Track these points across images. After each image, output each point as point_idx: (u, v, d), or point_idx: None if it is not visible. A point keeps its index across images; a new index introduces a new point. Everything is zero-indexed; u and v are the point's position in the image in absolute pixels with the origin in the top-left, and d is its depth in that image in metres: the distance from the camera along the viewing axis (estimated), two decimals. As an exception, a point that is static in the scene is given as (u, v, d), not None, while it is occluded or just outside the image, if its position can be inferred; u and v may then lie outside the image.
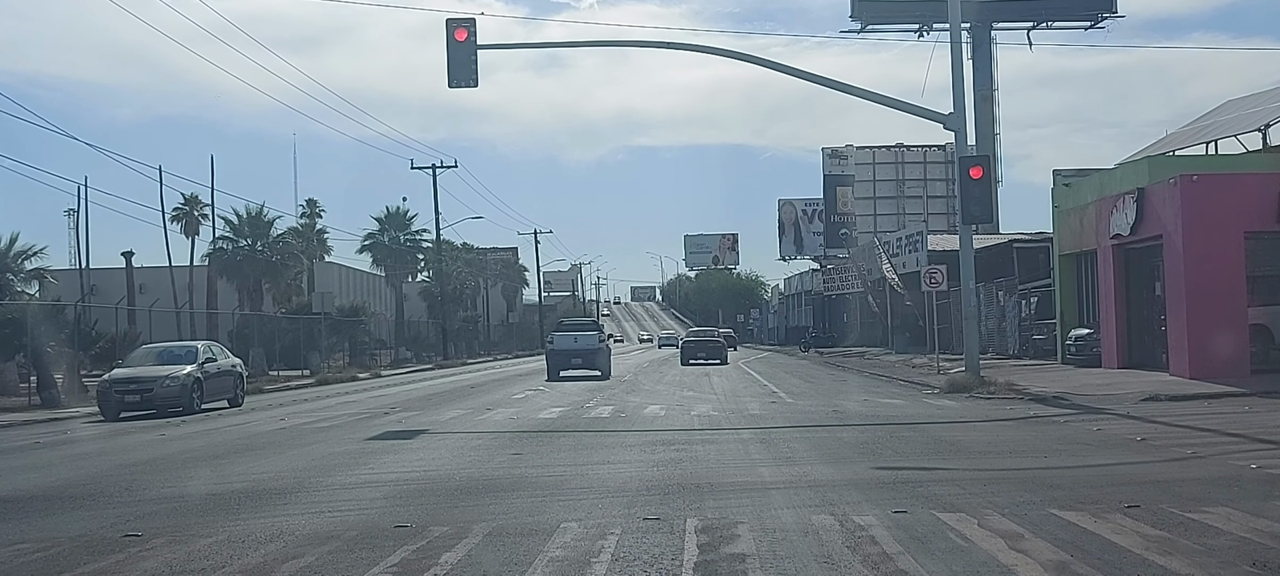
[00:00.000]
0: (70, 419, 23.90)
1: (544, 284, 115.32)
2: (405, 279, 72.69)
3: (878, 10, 63.66)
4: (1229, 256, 23.51)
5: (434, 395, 28.80)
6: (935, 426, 16.57)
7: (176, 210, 52.28)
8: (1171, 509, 8.68)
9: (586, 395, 26.28)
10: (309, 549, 8.20)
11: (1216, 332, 22.89)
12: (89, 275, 47.89)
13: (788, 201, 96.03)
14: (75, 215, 63.85)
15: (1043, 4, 61.61)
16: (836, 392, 25.50)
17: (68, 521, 9.89)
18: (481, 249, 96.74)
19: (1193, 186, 23.88)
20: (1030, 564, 7.09)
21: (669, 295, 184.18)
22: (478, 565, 7.50)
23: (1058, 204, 32.69)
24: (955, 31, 25.92)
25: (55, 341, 30.65)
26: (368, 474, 12.63)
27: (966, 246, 25.05)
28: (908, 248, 50.69)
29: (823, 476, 11.23)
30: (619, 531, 8.46)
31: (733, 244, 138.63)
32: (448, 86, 23.56)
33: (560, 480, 11.55)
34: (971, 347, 24.96)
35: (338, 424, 20.14)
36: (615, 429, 17.52)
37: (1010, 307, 40.02)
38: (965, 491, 9.91)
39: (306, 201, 67.57)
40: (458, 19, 23.55)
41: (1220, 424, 15.04)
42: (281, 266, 51.62)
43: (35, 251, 39.46)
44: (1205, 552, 7.27)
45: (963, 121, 25.76)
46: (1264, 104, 30.86)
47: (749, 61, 28.80)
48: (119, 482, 12.56)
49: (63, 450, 17.50)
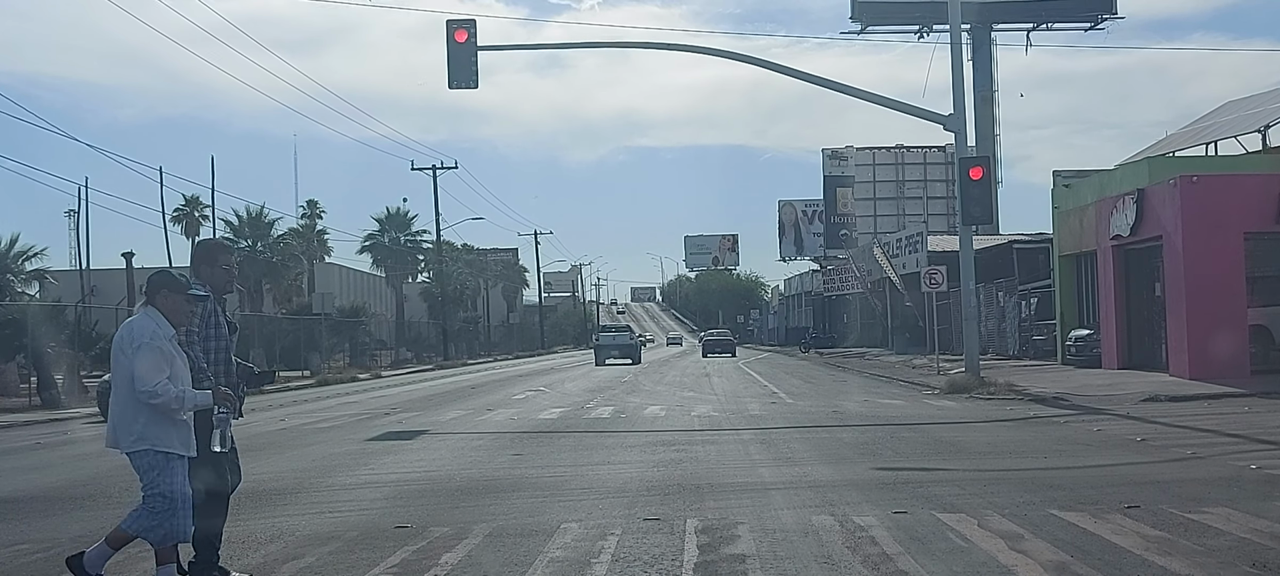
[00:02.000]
0: (71, 419, 23.91)
1: (544, 285, 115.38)
2: (406, 280, 72.75)
3: (878, 11, 63.68)
4: (1229, 257, 23.50)
5: (434, 396, 28.80)
6: (935, 427, 16.58)
7: (177, 211, 52.37)
8: (1171, 509, 8.68)
9: (587, 396, 26.29)
10: (309, 549, 8.21)
11: (1216, 333, 22.87)
12: (89, 276, 47.89)
13: (788, 202, 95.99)
14: (76, 216, 63.79)
15: (1043, 5, 61.62)
16: (836, 393, 25.49)
17: (68, 522, 9.90)
18: (482, 250, 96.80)
19: (1193, 187, 23.88)
20: (1030, 564, 7.09)
21: (669, 296, 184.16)
22: (478, 565, 7.50)
23: (1058, 205, 32.69)
24: (955, 33, 25.95)
25: (55, 342, 30.66)
26: (368, 474, 12.63)
27: (966, 247, 25.06)
28: (908, 248, 50.64)
29: (823, 477, 11.23)
30: (619, 532, 8.46)
31: (733, 245, 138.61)
32: (448, 87, 23.61)
33: (560, 481, 11.55)
34: (971, 348, 24.96)
35: (338, 424, 20.15)
36: (616, 429, 17.52)
37: (1010, 308, 40.01)
38: (965, 492, 9.91)
39: (307, 202, 67.74)
40: (458, 20, 23.59)
41: (1220, 424, 15.04)
42: (282, 267, 51.67)
43: (36, 252, 39.57)
44: (1205, 553, 7.27)
45: (963, 122, 25.78)
46: (1264, 105, 30.87)
47: (749, 62, 28.83)
48: (119, 483, 12.53)
49: (63, 451, 17.51)
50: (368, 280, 77.74)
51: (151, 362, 6.32)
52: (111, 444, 6.64)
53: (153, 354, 6.34)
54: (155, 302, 6.55)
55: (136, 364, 6.31)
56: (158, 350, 6.37)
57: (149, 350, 6.34)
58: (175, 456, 6.49)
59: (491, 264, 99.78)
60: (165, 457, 6.45)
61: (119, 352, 6.46)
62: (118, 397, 6.52)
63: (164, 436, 6.44)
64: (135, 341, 6.38)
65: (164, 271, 6.86)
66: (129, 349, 6.39)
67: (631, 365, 46.90)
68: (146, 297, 6.63)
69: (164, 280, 6.65)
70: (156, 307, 6.53)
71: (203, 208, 52.28)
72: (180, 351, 6.56)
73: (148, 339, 6.37)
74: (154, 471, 6.47)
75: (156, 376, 6.30)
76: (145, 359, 6.32)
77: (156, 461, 6.45)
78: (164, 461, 6.46)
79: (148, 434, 6.40)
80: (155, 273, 6.86)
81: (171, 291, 6.57)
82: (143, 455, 6.46)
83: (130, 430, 6.42)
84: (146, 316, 6.51)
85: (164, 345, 6.42)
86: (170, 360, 6.41)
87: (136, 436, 6.41)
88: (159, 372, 6.31)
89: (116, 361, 6.50)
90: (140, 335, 6.39)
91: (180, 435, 6.52)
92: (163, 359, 6.37)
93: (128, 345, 6.40)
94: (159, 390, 6.29)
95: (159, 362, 6.34)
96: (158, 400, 6.31)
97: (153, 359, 6.33)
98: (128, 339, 6.42)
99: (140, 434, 6.40)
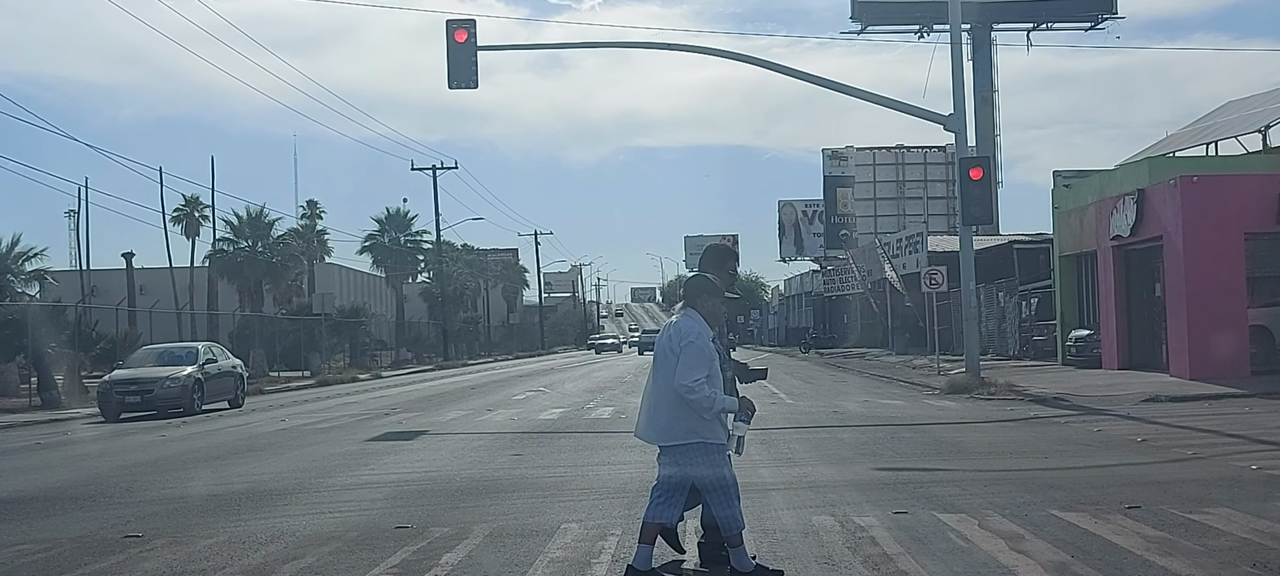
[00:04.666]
0: (71, 420, 23.92)
1: (544, 285, 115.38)
2: (406, 280, 72.68)
3: (878, 11, 63.58)
4: (1229, 257, 23.48)
5: (434, 396, 28.80)
6: (935, 427, 16.57)
7: (177, 211, 52.25)
8: (1172, 510, 8.68)
9: (587, 396, 26.28)
10: (310, 549, 8.21)
11: (1217, 334, 22.86)
12: (90, 276, 47.82)
13: (788, 202, 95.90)
14: (76, 216, 63.76)
15: (1043, 5, 61.53)
16: (837, 393, 25.48)
17: (68, 522, 9.90)
18: (482, 250, 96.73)
19: (1193, 187, 23.87)
20: (1031, 565, 7.09)
21: (669, 296, 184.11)
22: (478, 566, 7.50)
23: (1058, 205, 32.69)
24: (955, 33, 25.94)
25: (56, 342, 30.67)
26: (368, 475, 12.63)
27: (967, 247, 25.06)
28: (908, 249, 50.59)
29: (823, 477, 11.23)
30: (619, 532, 8.46)
31: (733, 245, 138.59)
32: (448, 88, 23.59)
33: (561, 481, 11.55)
34: (972, 348, 24.95)
35: (338, 425, 20.15)
36: (616, 430, 17.50)
37: (1010, 308, 39.99)
38: (966, 492, 9.91)
39: (307, 202, 67.67)
40: (458, 20, 23.57)
41: (1221, 425, 15.03)
42: (282, 267, 51.56)
43: (36, 253, 39.41)
44: (1206, 553, 7.27)
45: (963, 123, 25.77)
46: (1264, 105, 30.85)
47: (750, 63, 28.80)
48: (119, 483, 12.57)
49: (63, 451, 17.51)
50: (368, 280, 77.70)
51: (694, 360, 6.67)
52: (646, 438, 6.99)
53: (697, 353, 6.69)
54: (696, 306, 6.94)
55: (682, 359, 6.68)
56: (702, 350, 6.72)
57: (694, 349, 6.70)
58: (721, 447, 6.81)
59: (491, 264, 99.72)
60: (719, 449, 6.80)
61: (667, 351, 6.80)
62: (658, 394, 6.86)
63: (713, 429, 6.77)
64: (684, 339, 6.74)
65: (702, 276, 7.21)
66: (677, 346, 6.74)
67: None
68: (686, 301, 7.01)
69: (705, 285, 7.07)
70: (697, 310, 6.92)
71: (203, 208, 52.21)
72: (717, 353, 6.92)
73: (695, 338, 6.74)
74: (706, 464, 6.77)
75: (696, 373, 6.64)
76: (690, 356, 6.67)
77: (710, 453, 6.77)
78: (718, 452, 6.79)
79: (699, 427, 6.73)
80: (694, 277, 7.23)
81: (711, 295, 7.00)
82: (694, 448, 6.75)
83: (681, 425, 6.73)
84: (689, 319, 6.88)
85: (707, 346, 6.78)
86: (710, 360, 6.76)
87: (689, 430, 6.73)
88: (699, 370, 6.65)
89: (664, 359, 6.81)
90: (689, 333, 6.76)
91: (723, 428, 6.84)
92: (704, 359, 6.71)
93: (676, 343, 6.75)
94: (696, 387, 6.62)
95: (701, 361, 6.68)
96: (693, 396, 6.63)
97: (696, 357, 6.68)
98: (676, 337, 6.78)
99: (692, 427, 6.72)
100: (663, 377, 6.79)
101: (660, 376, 6.82)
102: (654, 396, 6.90)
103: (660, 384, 6.82)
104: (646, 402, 7.01)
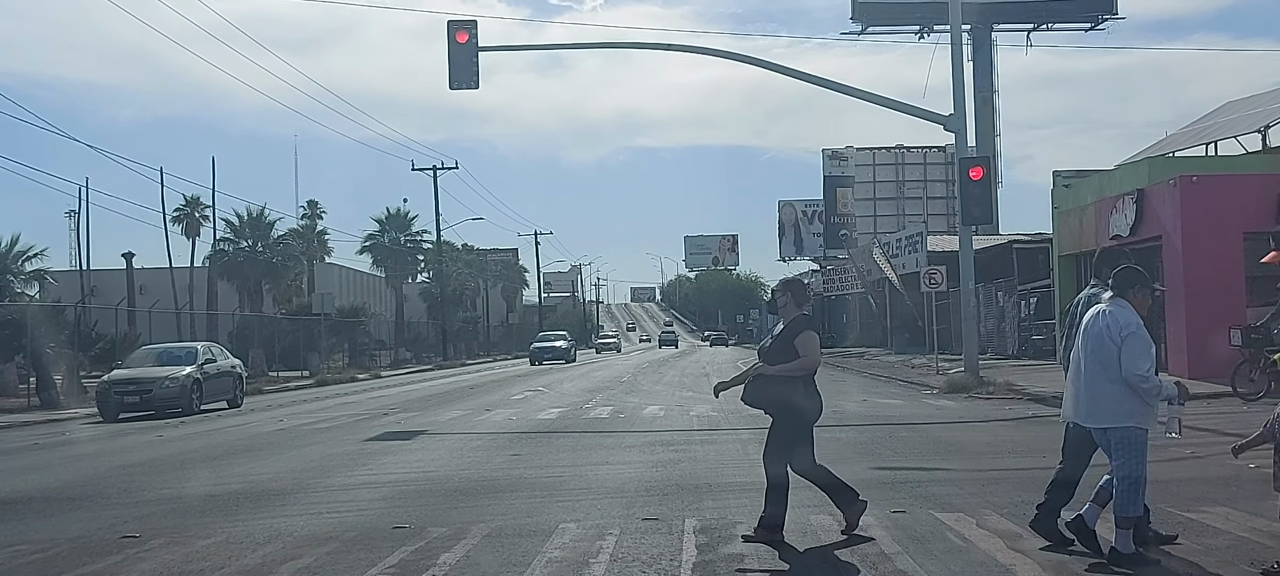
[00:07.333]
0: (69, 420, 23.91)
1: (544, 285, 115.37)
2: (405, 280, 72.63)
3: (878, 12, 63.57)
4: (1228, 257, 23.48)
5: (433, 396, 28.79)
6: (934, 427, 16.58)
7: (177, 211, 52.25)
8: (1170, 508, 8.67)
9: (585, 396, 26.28)
10: (307, 550, 8.20)
11: (1215, 333, 22.84)
12: (89, 276, 47.76)
13: (788, 202, 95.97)
14: (76, 216, 63.88)
15: (1043, 5, 61.52)
16: (835, 393, 25.43)
17: (66, 522, 9.90)
18: (482, 250, 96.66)
19: (1192, 187, 23.87)
20: (1029, 563, 7.09)
21: (669, 296, 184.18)
22: (476, 566, 7.50)
23: (1057, 205, 32.66)
24: (955, 33, 25.92)
25: (55, 342, 30.66)
26: (367, 475, 12.63)
27: (966, 247, 25.05)
28: (907, 248, 50.56)
29: (822, 477, 11.20)
30: (618, 532, 8.46)
31: (733, 245, 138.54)
32: (449, 88, 23.57)
33: (559, 481, 11.55)
34: (971, 348, 24.95)
35: (337, 425, 20.14)
36: (614, 429, 17.52)
37: (1010, 308, 39.99)
38: (964, 491, 9.91)
39: (307, 203, 67.68)
40: (459, 21, 23.56)
41: (1219, 424, 15.03)
42: (282, 267, 51.53)
43: (36, 252, 39.35)
44: (1204, 552, 7.28)
45: (963, 123, 25.76)
46: (1264, 105, 30.82)
47: (750, 63, 28.81)
48: (117, 484, 12.56)
49: (61, 451, 17.50)
50: (367, 280, 77.65)
51: (1140, 349, 6.91)
52: (1080, 419, 7.25)
53: (1141, 342, 6.93)
54: (1127, 295, 7.15)
55: (1125, 349, 6.90)
56: (1144, 339, 6.97)
57: (1137, 338, 6.93)
58: (1146, 433, 7.06)
59: (491, 264, 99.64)
60: (1145, 436, 7.05)
61: (1105, 338, 7.01)
62: (1094, 377, 7.08)
63: (1148, 417, 7.03)
64: (1124, 329, 6.96)
65: (1133, 268, 7.44)
66: (1117, 336, 6.96)
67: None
68: (1115, 291, 7.21)
69: (1137, 277, 7.30)
70: (1127, 300, 7.13)
71: (203, 208, 52.20)
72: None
73: (1135, 328, 6.97)
74: (1133, 449, 7.00)
75: (1146, 362, 6.89)
76: (1134, 345, 6.90)
77: (1139, 438, 7.02)
78: (1144, 439, 7.05)
79: (1138, 412, 6.98)
80: (1124, 268, 7.42)
81: (1142, 286, 7.25)
82: (1130, 432, 7.00)
83: (1123, 407, 6.96)
84: (1121, 308, 7.09)
85: (1145, 334, 7.01)
86: (1150, 349, 6.97)
87: (1129, 412, 6.97)
88: (1147, 359, 6.90)
89: (1102, 345, 7.02)
90: (1128, 324, 6.98)
91: (1154, 413, 7.10)
92: (1147, 348, 6.95)
93: (1115, 332, 6.98)
94: (1149, 375, 6.88)
95: (1146, 350, 6.93)
96: (1146, 384, 6.89)
97: (1140, 347, 6.92)
98: (1115, 326, 7.00)
99: (1132, 410, 6.97)
100: (1100, 363, 7.01)
101: (1098, 362, 7.02)
102: (1091, 382, 7.10)
103: (1097, 368, 7.03)
104: (1082, 387, 7.17)
